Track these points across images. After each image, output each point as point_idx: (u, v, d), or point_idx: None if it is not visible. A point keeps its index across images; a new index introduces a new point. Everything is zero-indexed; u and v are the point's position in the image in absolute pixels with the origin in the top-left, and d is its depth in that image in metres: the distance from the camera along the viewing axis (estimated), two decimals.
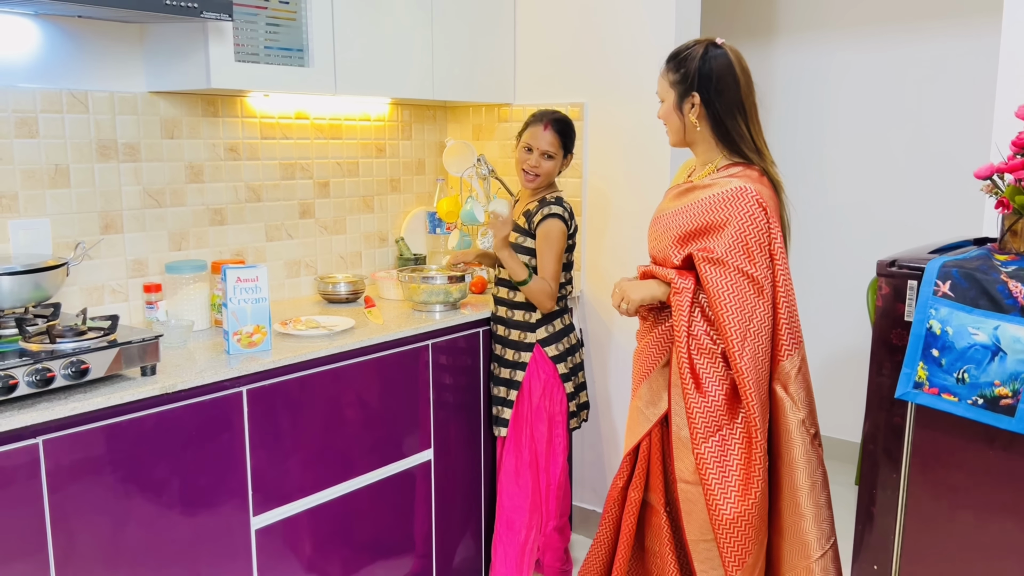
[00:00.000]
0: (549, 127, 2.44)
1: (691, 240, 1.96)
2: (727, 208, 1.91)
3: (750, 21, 3.93)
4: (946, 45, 3.42)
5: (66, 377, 1.71)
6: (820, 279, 3.85)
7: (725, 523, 1.90)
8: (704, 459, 1.91)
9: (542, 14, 3.02)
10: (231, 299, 2.07)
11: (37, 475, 1.66)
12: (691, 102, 1.98)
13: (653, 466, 2.09)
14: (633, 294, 2.01)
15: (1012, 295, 1.48)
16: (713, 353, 1.93)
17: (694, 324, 1.94)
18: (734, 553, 1.91)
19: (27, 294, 1.90)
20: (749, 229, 1.90)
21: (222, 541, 2.01)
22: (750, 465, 1.91)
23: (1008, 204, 1.74)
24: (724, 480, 1.91)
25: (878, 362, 1.71)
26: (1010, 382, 1.46)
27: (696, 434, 1.91)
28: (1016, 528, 1.54)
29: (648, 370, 2.07)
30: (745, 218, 1.90)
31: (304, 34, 2.40)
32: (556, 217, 2.42)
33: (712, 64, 1.96)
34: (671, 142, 2.08)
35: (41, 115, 2.15)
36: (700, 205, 1.96)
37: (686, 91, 1.98)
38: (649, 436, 2.07)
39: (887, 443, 1.70)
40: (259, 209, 2.69)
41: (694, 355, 1.93)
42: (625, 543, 2.14)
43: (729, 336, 1.88)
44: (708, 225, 1.93)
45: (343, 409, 2.26)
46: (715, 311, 1.89)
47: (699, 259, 1.91)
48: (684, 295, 1.93)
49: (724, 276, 1.89)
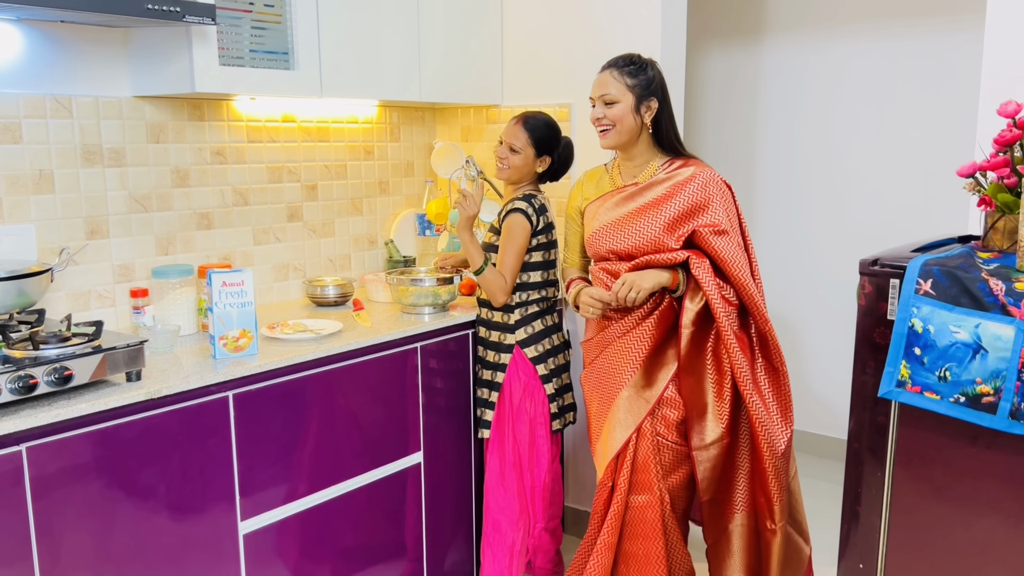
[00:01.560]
0: (519, 123, 2.49)
1: (683, 221, 2.14)
2: (707, 189, 2.15)
3: (737, 20, 3.93)
4: (934, 42, 3.42)
5: (49, 384, 1.71)
6: (810, 277, 3.85)
7: (779, 455, 2.08)
8: (753, 409, 2.07)
9: (529, 15, 3.02)
10: (217, 303, 2.07)
11: (21, 483, 1.66)
12: (648, 106, 2.18)
13: (642, 461, 2.15)
14: (644, 282, 2.13)
15: (993, 293, 1.49)
16: (732, 314, 2.13)
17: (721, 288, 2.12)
18: (781, 483, 2.09)
19: (11, 300, 1.89)
20: (727, 204, 2.17)
21: (210, 547, 2.01)
22: (783, 395, 2.15)
23: (991, 202, 1.74)
24: (770, 419, 2.10)
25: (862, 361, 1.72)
26: (991, 380, 1.47)
27: (746, 386, 2.07)
28: (1000, 525, 1.54)
29: (644, 356, 2.18)
30: (722, 195, 2.16)
31: (289, 37, 2.40)
32: (518, 212, 2.42)
33: (661, 75, 2.23)
34: (613, 143, 2.22)
35: (24, 121, 2.15)
36: (676, 191, 2.16)
37: (646, 95, 2.17)
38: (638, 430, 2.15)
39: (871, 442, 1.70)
40: (246, 213, 2.69)
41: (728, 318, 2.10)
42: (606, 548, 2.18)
43: (749, 290, 2.11)
44: (696, 205, 2.14)
45: (331, 413, 2.25)
46: (731, 274, 2.11)
47: (707, 233, 2.11)
48: (704, 268, 2.10)
49: (731, 243, 2.12)
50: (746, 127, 3.97)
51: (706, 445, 2.13)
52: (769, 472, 2.07)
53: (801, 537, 2.23)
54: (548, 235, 2.50)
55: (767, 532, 2.11)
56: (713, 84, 4.06)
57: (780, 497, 2.09)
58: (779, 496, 2.08)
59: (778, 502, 2.08)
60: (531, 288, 2.50)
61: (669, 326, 2.20)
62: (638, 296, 2.13)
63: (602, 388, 2.26)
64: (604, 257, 2.27)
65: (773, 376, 2.16)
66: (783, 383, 2.16)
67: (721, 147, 4.03)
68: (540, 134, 2.48)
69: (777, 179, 3.91)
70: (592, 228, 2.28)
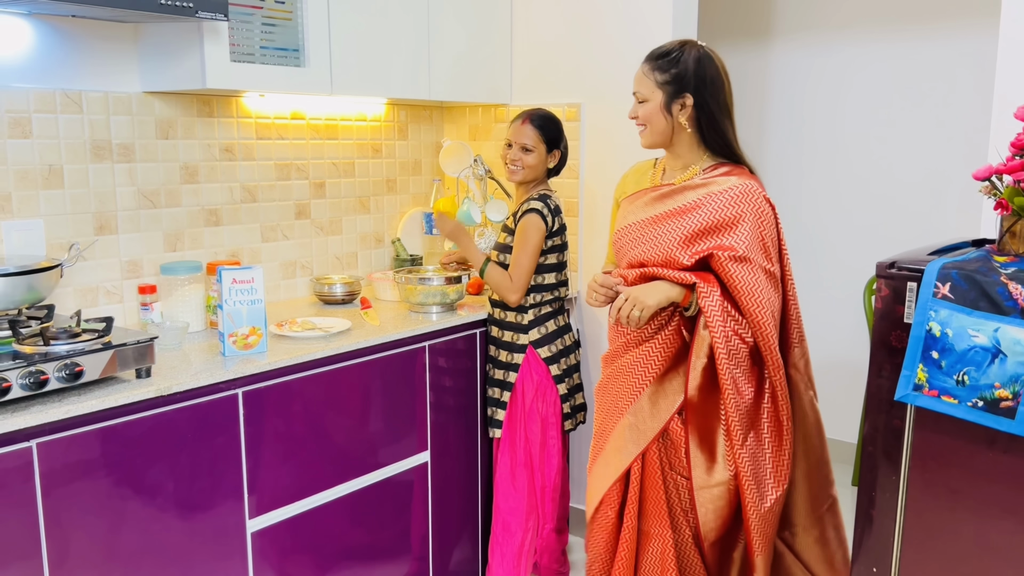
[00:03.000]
0: (527, 122, 2.47)
1: (701, 239, 1.93)
2: (739, 205, 1.91)
3: (747, 21, 3.92)
4: (945, 45, 3.41)
5: (60, 380, 1.70)
6: (817, 280, 3.84)
7: (763, 513, 1.95)
8: (744, 458, 1.92)
9: (538, 14, 3.01)
10: (227, 301, 2.05)
11: (31, 478, 1.65)
12: (682, 103, 1.97)
13: (650, 490, 2.04)
14: (649, 299, 1.91)
15: (1012, 297, 1.48)
16: (742, 352, 1.93)
17: (727, 325, 1.91)
18: (766, 537, 1.97)
19: (20, 296, 1.88)
20: (763, 226, 1.93)
21: (218, 544, 2.00)
22: (781, 454, 1.97)
23: (1007, 205, 1.73)
24: (760, 474, 1.95)
25: (877, 364, 1.70)
26: (1010, 384, 1.46)
27: (737, 435, 1.92)
28: (1016, 530, 1.53)
29: (647, 382, 2.01)
30: (758, 215, 1.92)
31: (300, 34, 2.39)
32: (534, 212, 2.42)
33: (706, 66, 1.96)
34: (647, 143, 2.05)
35: (35, 115, 2.14)
36: (705, 203, 1.94)
37: (677, 92, 1.97)
38: (642, 457, 2.03)
39: (886, 445, 1.69)
40: (255, 210, 2.68)
41: (728, 357, 1.91)
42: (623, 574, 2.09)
43: (766, 331, 1.91)
44: (720, 222, 1.91)
45: (339, 411, 2.25)
46: (747, 310, 1.90)
47: (724, 259, 1.89)
48: (713, 298, 1.89)
49: (751, 273, 1.89)
50: (754, 128, 3.96)
51: (710, 485, 1.95)
52: (753, 528, 1.94)
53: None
54: (562, 236, 2.50)
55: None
56: None
57: (763, 552, 1.96)
58: (762, 551, 1.96)
59: (760, 555, 1.96)
60: (545, 289, 2.50)
61: (676, 351, 2.00)
62: (642, 315, 1.90)
63: (608, 407, 2.11)
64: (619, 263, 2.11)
65: (775, 429, 1.96)
66: (784, 439, 1.96)
67: None
68: (549, 129, 2.48)
69: (785, 180, 3.90)
70: (619, 225, 2.10)
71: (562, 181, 2.98)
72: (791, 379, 2.04)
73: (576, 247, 2.99)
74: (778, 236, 1.98)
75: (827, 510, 2.12)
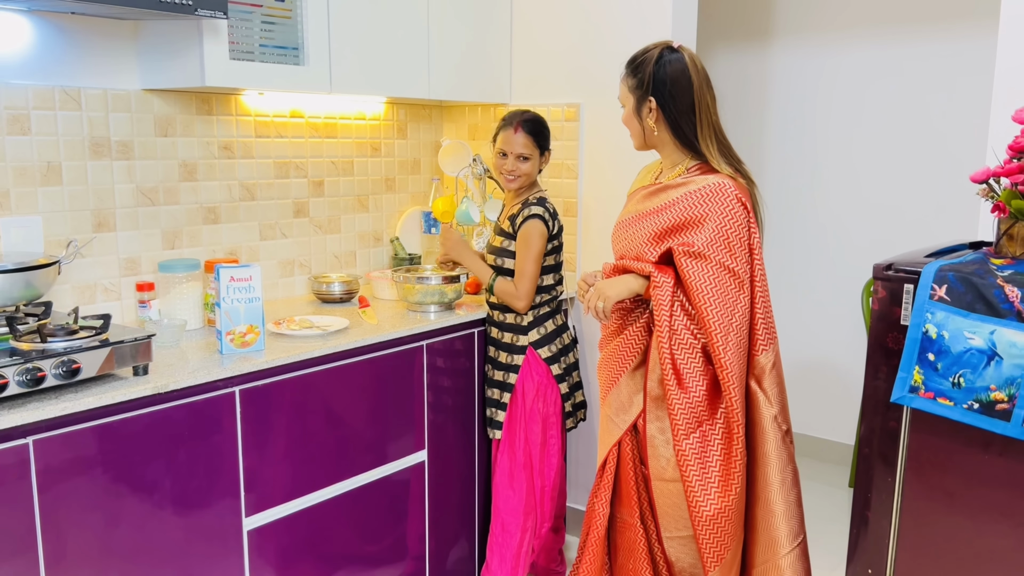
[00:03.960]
0: (519, 129, 2.42)
1: (668, 236, 1.95)
2: (706, 203, 1.92)
3: (747, 23, 3.93)
4: (944, 48, 3.42)
5: (57, 377, 1.70)
6: (814, 282, 3.85)
7: (705, 520, 1.90)
8: (685, 456, 1.90)
9: (538, 14, 3.01)
10: (224, 298, 2.06)
11: (27, 475, 1.65)
12: (648, 107, 2.00)
13: (624, 477, 2.06)
14: (609, 291, 1.96)
15: (1008, 299, 1.48)
16: (694, 348, 1.92)
17: (675, 319, 1.91)
18: (713, 550, 1.91)
19: (18, 292, 1.88)
20: (730, 224, 1.91)
21: (214, 542, 2.00)
22: (730, 460, 1.91)
23: (1004, 208, 1.74)
24: (704, 476, 1.90)
25: (874, 366, 1.71)
26: (1006, 387, 1.46)
27: (677, 431, 1.90)
28: (1011, 533, 1.54)
29: (617, 376, 2.05)
30: (726, 212, 1.91)
31: (300, 32, 2.39)
32: (537, 218, 2.41)
33: (667, 69, 1.97)
34: (635, 146, 2.10)
35: (33, 112, 2.14)
36: (677, 202, 1.96)
37: (643, 96, 2.00)
38: (619, 445, 2.05)
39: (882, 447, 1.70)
40: (253, 208, 2.68)
41: (675, 350, 1.91)
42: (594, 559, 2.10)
43: (712, 331, 1.87)
44: (687, 220, 1.93)
45: (337, 410, 2.25)
46: (696, 305, 1.89)
47: (679, 253, 1.90)
48: (664, 289, 1.91)
49: (706, 270, 1.88)
50: (754, 130, 3.96)
51: (665, 478, 1.96)
52: (699, 535, 1.91)
53: None
54: (560, 238, 2.51)
55: None
56: (721, 87, 4.04)
57: (715, 566, 1.92)
58: (713, 564, 1.91)
59: (713, 570, 1.92)
60: (544, 291, 2.50)
61: (646, 346, 2.01)
62: (604, 305, 1.96)
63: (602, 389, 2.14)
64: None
65: (726, 433, 1.93)
66: (733, 447, 1.92)
67: None
68: (542, 133, 2.46)
69: (785, 182, 3.90)
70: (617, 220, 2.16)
71: (560, 181, 2.98)
72: (749, 390, 1.98)
73: (574, 247, 2.99)
74: (749, 237, 1.95)
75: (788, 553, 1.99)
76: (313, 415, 2.19)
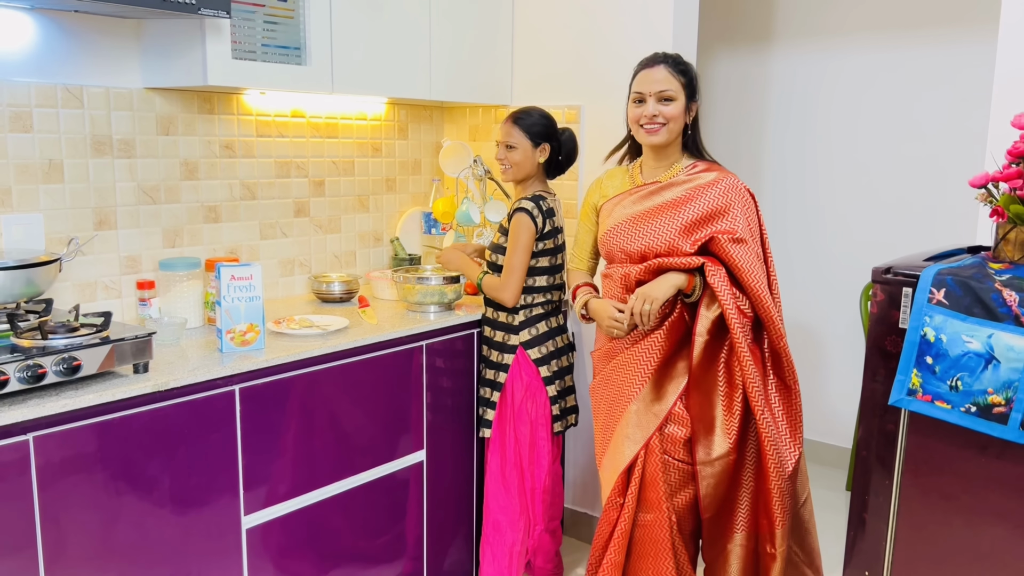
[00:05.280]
0: (508, 121, 2.48)
1: (701, 226, 2.08)
2: (728, 195, 2.09)
3: (747, 26, 3.93)
4: (943, 52, 3.43)
5: (58, 374, 1.70)
6: (813, 284, 3.85)
7: (786, 478, 2.03)
8: (763, 426, 2.02)
9: (540, 16, 3.02)
10: (225, 297, 2.06)
11: (27, 472, 1.65)
12: (693, 106, 2.17)
13: (650, 475, 2.09)
14: (655, 292, 2.06)
15: (1006, 304, 1.49)
16: (746, 325, 2.06)
17: (736, 298, 2.05)
18: (786, 507, 2.03)
19: (19, 290, 1.89)
20: (748, 213, 2.11)
21: (212, 540, 2.00)
22: (793, 416, 2.09)
23: (1003, 213, 1.74)
24: (779, 438, 2.05)
25: (872, 368, 1.72)
26: (1003, 390, 1.47)
27: (758, 402, 2.01)
28: (1008, 535, 1.54)
29: (651, 369, 2.12)
30: (744, 204, 2.10)
31: (302, 32, 2.40)
32: (522, 211, 2.42)
33: None
34: (664, 140, 2.15)
35: (36, 109, 2.14)
36: (698, 194, 2.10)
37: (692, 96, 2.16)
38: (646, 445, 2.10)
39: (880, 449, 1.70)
40: (254, 207, 2.68)
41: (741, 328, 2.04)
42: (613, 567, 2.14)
43: (765, 303, 2.05)
44: (716, 210, 2.08)
45: (336, 409, 2.25)
46: (747, 284, 2.04)
47: (724, 241, 2.05)
48: (720, 276, 2.04)
49: (748, 252, 2.06)
50: (753, 134, 3.97)
51: (711, 460, 2.07)
52: (774, 493, 2.01)
53: (810, 568, 2.16)
54: (555, 239, 2.49)
55: (766, 556, 2.05)
56: (722, 90, 4.07)
57: (783, 521, 2.02)
58: (782, 520, 2.02)
59: (780, 526, 2.02)
60: (536, 292, 2.50)
61: (680, 336, 2.13)
62: (653, 307, 2.05)
63: (610, 400, 2.20)
64: (616, 258, 2.21)
65: (785, 394, 2.10)
66: (794, 402, 2.09)
67: (729, 153, 4.03)
68: (531, 122, 2.47)
69: (785, 185, 3.91)
70: (607, 226, 2.23)
71: (561, 183, 2.98)
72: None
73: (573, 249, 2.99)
74: (759, 222, 2.14)
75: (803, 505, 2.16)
76: (312, 414, 2.19)
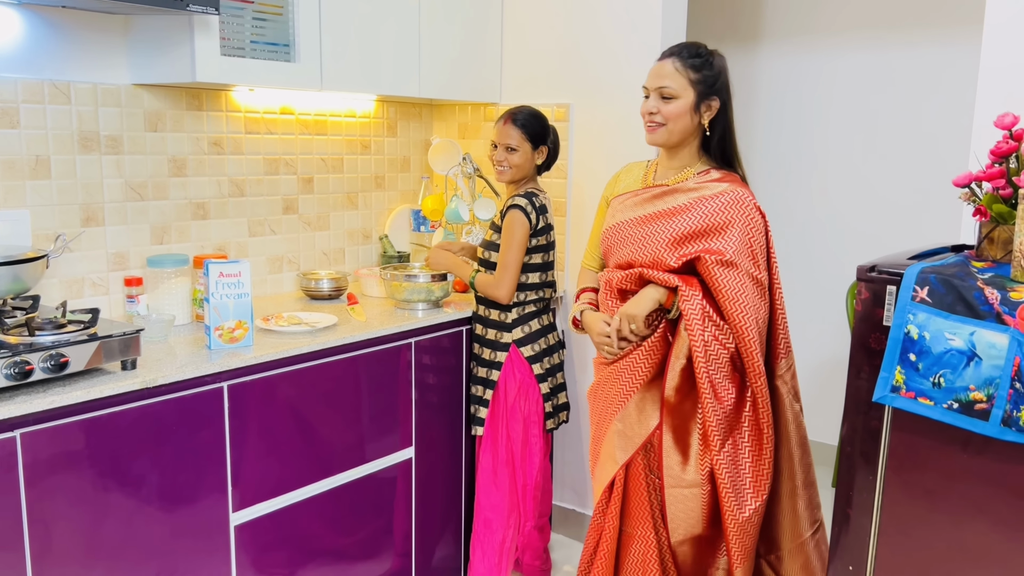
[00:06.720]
0: (508, 122, 2.48)
1: (690, 241, 1.94)
2: (729, 210, 1.93)
3: (736, 25, 3.95)
4: (931, 53, 3.46)
5: (45, 370, 1.70)
6: (801, 284, 3.88)
7: (741, 522, 1.93)
8: (722, 464, 1.92)
9: (529, 14, 3.02)
10: (213, 294, 2.06)
11: (14, 468, 1.65)
12: (709, 105, 1.99)
13: (635, 491, 2.06)
14: (635, 310, 1.94)
15: (988, 302, 1.51)
16: (722, 358, 1.93)
17: (706, 331, 1.91)
18: (744, 549, 1.95)
19: (6, 286, 1.88)
20: (753, 233, 1.94)
21: (201, 537, 2.00)
22: (759, 463, 1.96)
23: (986, 212, 1.76)
24: (738, 482, 1.94)
25: (856, 366, 1.73)
26: (985, 387, 1.49)
27: (714, 440, 1.92)
28: (989, 530, 1.56)
29: (634, 388, 2.02)
30: (749, 222, 1.94)
31: (291, 29, 2.39)
32: (515, 208, 2.43)
33: (728, 73, 2.00)
34: (660, 141, 2.02)
35: (23, 105, 2.13)
36: (696, 206, 1.95)
37: (708, 93, 1.98)
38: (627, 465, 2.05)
39: (864, 446, 1.72)
40: (242, 204, 2.68)
41: (707, 361, 1.92)
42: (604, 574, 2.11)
43: (747, 338, 1.90)
44: (710, 226, 1.93)
45: (324, 406, 2.25)
46: (730, 314, 1.90)
47: (711, 263, 1.89)
48: (694, 302, 1.90)
49: (737, 279, 1.90)
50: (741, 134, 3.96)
51: (681, 485, 1.96)
52: (731, 532, 1.93)
53: None
54: (547, 236, 2.51)
55: None
56: None
57: (742, 561, 1.95)
58: (740, 560, 1.95)
59: (740, 565, 1.96)
60: (529, 289, 2.51)
61: (662, 357, 2.00)
62: (636, 326, 1.95)
63: (600, 413, 2.12)
64: (607, 260, 2.13)
65: (756, 437, 1.96)
66: (764, 447, 1.97)
67: None
68: (532, 126, 2.48)
69: (770, 184, 3.93)
70: (607, 224, 2.12)
71: (550, 181, 2.99)
72: (776, 390, 2.03)
73: (563, 247, 3.01)
74: (767, 245, 1.98)
75: (813, 535, 2.10)
76: (301, 411, 2.19)
